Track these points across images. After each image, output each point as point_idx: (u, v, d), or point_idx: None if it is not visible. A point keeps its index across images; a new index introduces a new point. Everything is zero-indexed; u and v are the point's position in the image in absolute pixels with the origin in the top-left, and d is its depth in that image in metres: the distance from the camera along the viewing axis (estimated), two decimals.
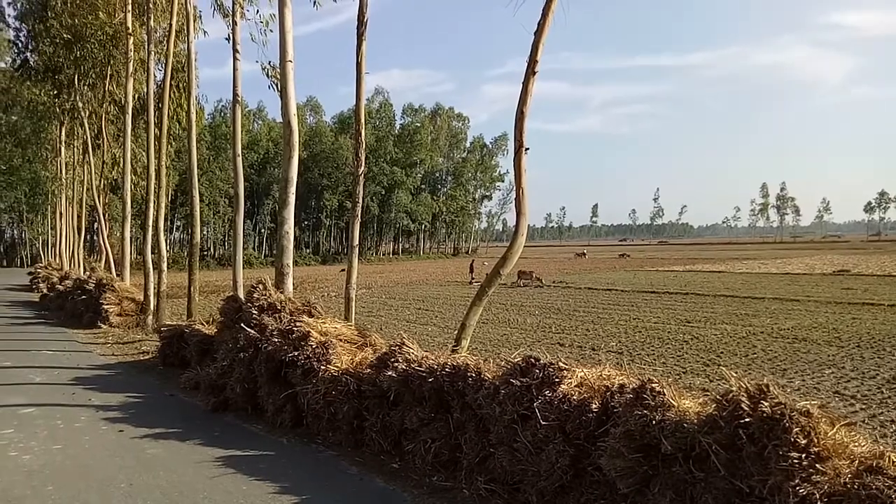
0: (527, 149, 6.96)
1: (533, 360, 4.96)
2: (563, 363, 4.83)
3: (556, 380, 4.69)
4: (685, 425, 3.78)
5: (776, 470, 3.32)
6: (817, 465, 3.29)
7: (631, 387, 4.28)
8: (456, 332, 14.87)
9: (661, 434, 3.80)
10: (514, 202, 7.02)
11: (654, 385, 4.08)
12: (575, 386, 4.63)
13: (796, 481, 3.25)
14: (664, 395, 4.00)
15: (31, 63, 23.48)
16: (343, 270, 53.08)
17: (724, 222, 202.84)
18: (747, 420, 3.50)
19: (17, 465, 5.80)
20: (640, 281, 33.16)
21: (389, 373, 5.96)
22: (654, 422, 3.86)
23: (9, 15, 24.32)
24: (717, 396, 3.79)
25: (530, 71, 6.78)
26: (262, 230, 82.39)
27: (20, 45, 24.46)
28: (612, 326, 16.24)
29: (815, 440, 3.33)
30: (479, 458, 5.18)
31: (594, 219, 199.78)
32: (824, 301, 20.52)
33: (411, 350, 6.16)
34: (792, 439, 3.31)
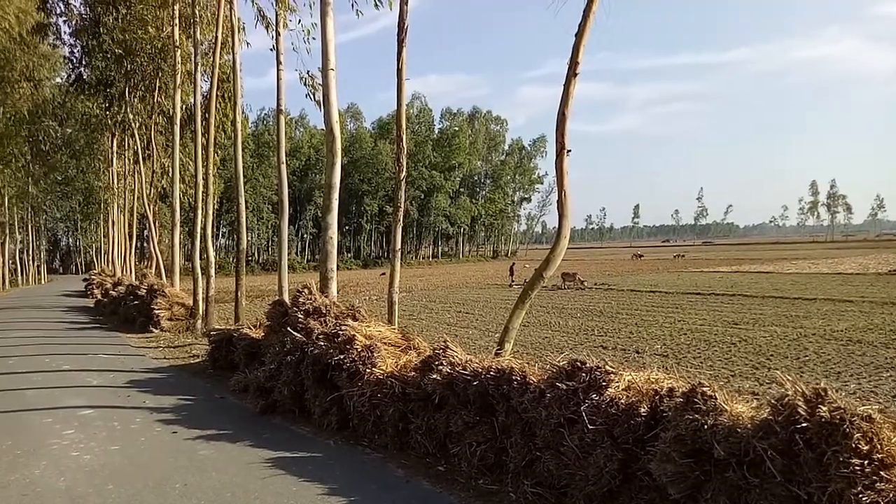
0: (569, 151, 6.90)
1: (579, 363, 4.92)
2: (610, 366, 4.78)
3: (603, 383, 4.64)
4: (738, 430, 3.70)
5: (836, 477, 3.22)
6: (881, 473, 3.17)
7: (681, 391, 4.21)
8: (497, 334, 14.86)
9: (713, 439, 3.73)
10: (556, 204, 6.96)
11: (705, 389, 4.00)
12: (622, 390, 4.58)
13: (858, 489, 3.15)
14: (716, 398, 3.92)
15: (85, 78, 24.42)
16: (383, 274, 53.75)
17: (771, 221, 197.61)
18: (804, 425, 3.41)
19: (79, 464, 6.03)
20: (685, 282, 32.49)
21: (434, 376, 5.99)
22: (705, 426, 3.78)
23: (64, 32, 25.35)
24: (772, 401, 3.69)
25: (571, 72, 6.73)
26: (305, 235, 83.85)
27: (74, 60, 25.47)
28: (657, 329, 15.95)
29: (879, 446, 3.22)
30: (525, 462, 5.16)
31: (635, 220, 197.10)
32: (880, 302, 19.75)
33: (455, 353, 6.18)
34: (853, 445, 3.21)
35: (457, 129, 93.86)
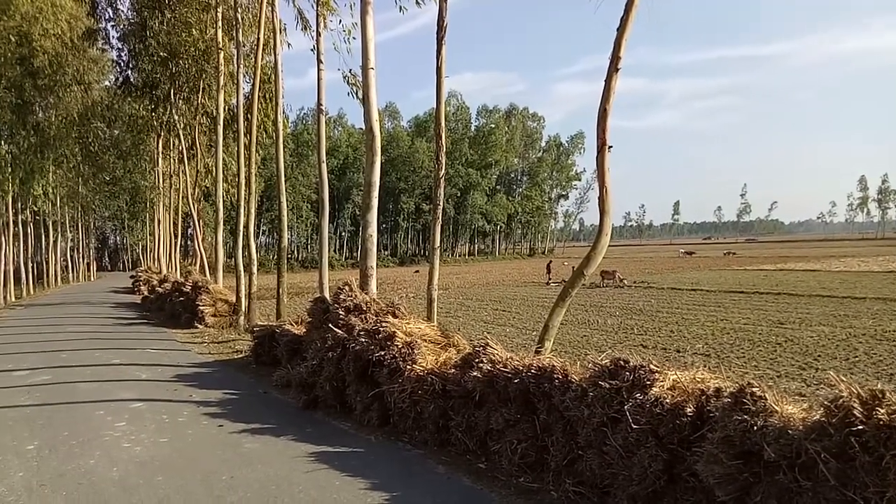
0: (610, 147, 6.82)
1: (622, 362, 4.87)
2: (655, 365, 4.72)
3: (648, 382, 4.59)
4: (789, 432, 3.61)
5: None
6: None
7: (728, 391, 4.12)
8: (535, 333, 14.80)
9: (763, 440, 3.65)
10: (597, 201, 6.90)
11: (754, 389, 3.91)
12: (667, 389, 4.51)
13: None
14: (766, 399, 3.83)
15: (132, 80, 25.20)
16: (417, 272, 53.85)
17: (818, 218, 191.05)
18: (860, 428, 3.31)
19: (130, 455, 6.24)
20: (727, 280, 31.75)
21: (474, 373, 6.00)
22: (755, 427, 3.70)
23: (112, 37, 26.22)
24: (826, 402, 3.59)
25: (613, 68, 6.65)
26: (343, 233, 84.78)
27: (122, 64, 26.33)
28: (698, 328, 15.65)
29: None
30: (566, 461, 5.13)
31: (676, 216, 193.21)
32: None
33: (496, 351, 6.17)
34: None
35: (493, 126, 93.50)
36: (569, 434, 5.17)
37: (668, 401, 4.41)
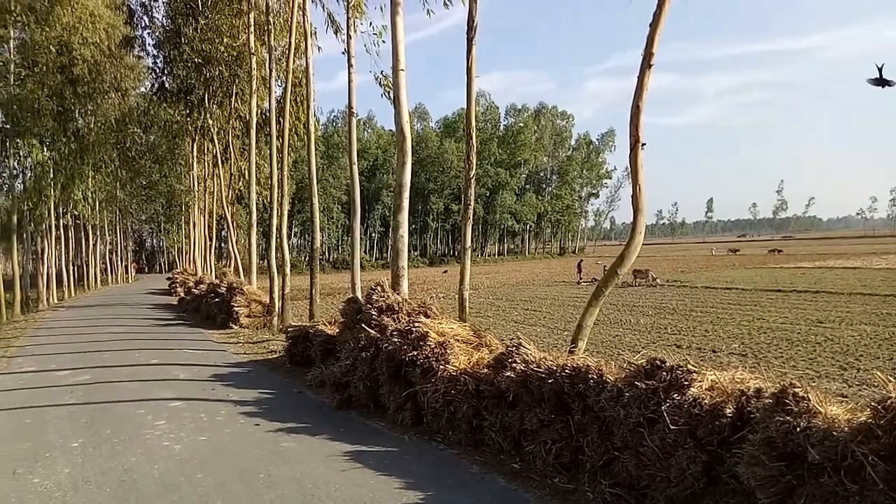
0: (643, 144, 6.74)
1: (658, 362, 4.81)
2: (692, 365, 4.65)
3: (685, 383, 4.53)
4: (834, 433, 3.52)
5: None
6: None
7: (770, 391, 4.04)
8: (566, 333, 14.71)
9: (806, 442, 3.57)
10: (630, 199, 6.82)
11: (796, 390, 3.83)
12: (706, 389, 4.45)
13: None
14: (808, 400, 3.75)
15: (167, 86, 25.78)
16: (446, 272, 53.77)
17: (858, 214, 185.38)
18: None
19: (170, 453, 6.38)
20: (763, 279, 31.10)
21: (508, 373, 5.99)
22: (798, 429, 3.62)
23: (148, 44, 26.91)
24: (873, 403, 3.50)
25: (646, 64, 6.57)
26: (373, 234, 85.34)
27: (157, 70, 27.00)
28: (734, 327, 15.37)
29: None
30: (602, 462, 5.09)
31: (709, 214, 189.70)
32: None
33: (529, 351, 6.15)
34: None
35: (522, 125, 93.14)
36: (604, 435, 5.13)
37: (706, 401, 4.35)
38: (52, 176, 28.17)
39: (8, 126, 26.88)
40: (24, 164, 28.74)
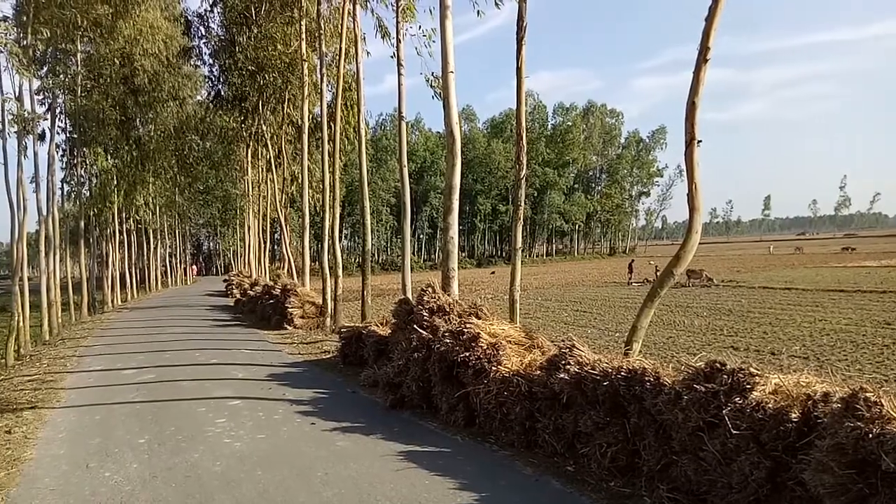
0: (699, 141, 6.60)
1: (718, 364, 4.69)
2: (755, 368, 4.52)
3: (747, 386, 4.40)
4: None
5: None
6: None
7: (838, 396, 3.89)
8: (617, 334, 14.49)
9: (880, 449, 3.42)
10: (686, 198, 6.68)
11: (868, 394, 3.67)
12: (769, 393, 4.31)
13: None
14: (881, 405, 3.59)
15: (223, 94, 26.62)
16: (493, 273, 53.56)
17: None
18: None
19: (231, 451, 6.57)
20: (825, 278, 29.90)
21: (561, 375, 5.94)
22: (870, 435, 3.48)
23: (205, 54, 27.87)
24: None
25: (702, 59, 6.43)
26: (421, 236, 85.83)
27: (213, 79, 27.93)
28: (794, 329, 14.84)
29: None
30: (660, 466, 5.00)
31: (766, 212, 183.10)
32: None
33: (582, 353, 6.09)
34: None
35: (570, 124, 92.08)
36: (662, 438, 5.03)
37: (770, 406, 4.22)
38: (115, 183, 29.44)
39: (76, 136, 28.27)
40: (90, 171, 30.17)
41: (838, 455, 3.62)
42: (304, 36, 18.93)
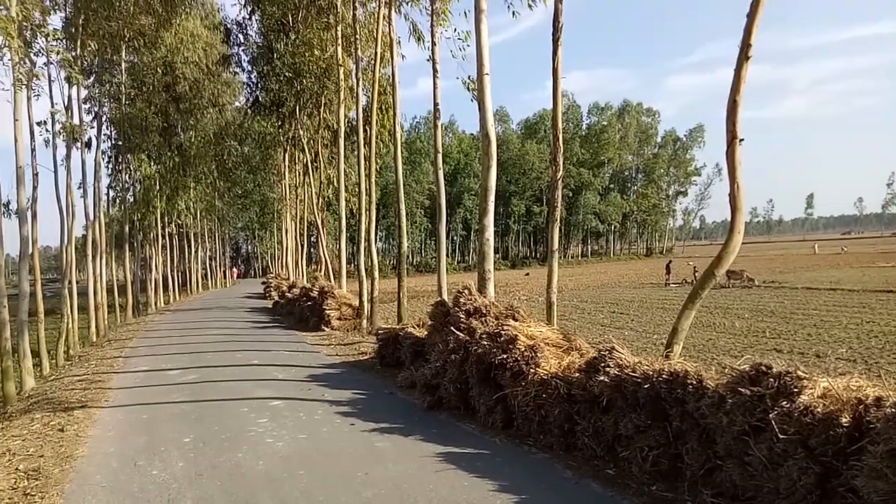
0: (741, 140, 6.47)
1: (764, 367, 4.60)
2: (802, 371, 4.41)
3: (795, 390, 4.30)
4: None
5: None
6: None
7: (892, 400, 3.78)
8: (655, 336, 14.29)
9: None
10: (728, 197, 6.56)
11: None
12: (818, 397, 4.21)
13: None
14: None
15: (261, 100, 27.11)
16: (527, 274, 53.25)
17: None
18: None
19: (273, 450, 6.70)
20: (872, 279, 28.93)
21: (601, 377, 5.89)
22: None
23: (243, 60, 28.45)
24: None
25: (743, 56, 6.30)
26: (455, 238, 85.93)
27: (252, 85, 28.47)
28: (840, 331, 14.42)
29: None
30: (703, 470, 4.92)
31: (809, 210, 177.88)
32: None
33: (622, 355, 6.03)
34: None
35: (605, 123, 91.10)
36: (705, 443, 4.95)
37: (818, 410, 4.11)
38: (158, 188, 30.26)
39: (121, 143, 29.15)
40: (134, 177, 31.08)
41: (892, 461, 3.51)
42: (339, 41, 19.15)
